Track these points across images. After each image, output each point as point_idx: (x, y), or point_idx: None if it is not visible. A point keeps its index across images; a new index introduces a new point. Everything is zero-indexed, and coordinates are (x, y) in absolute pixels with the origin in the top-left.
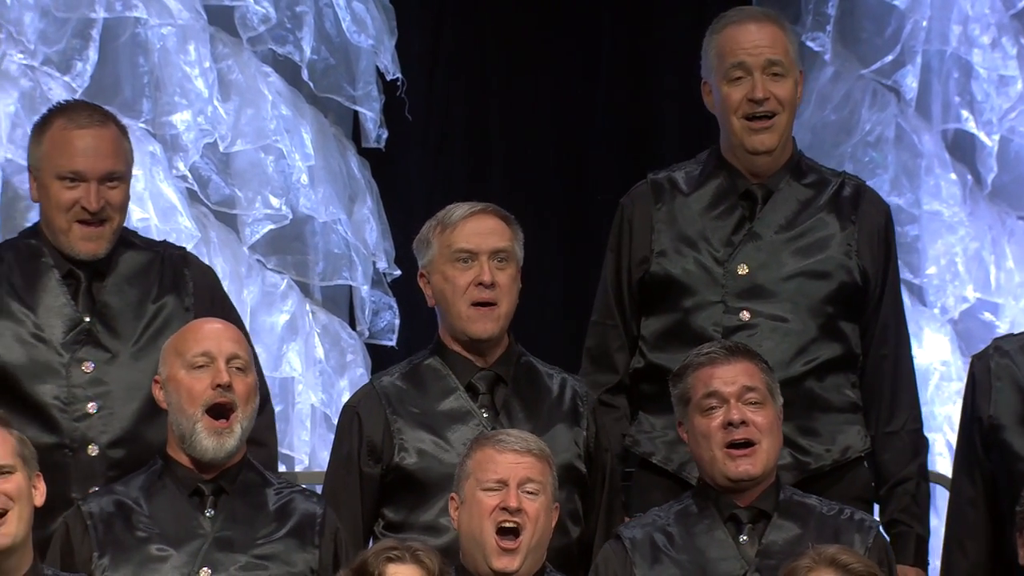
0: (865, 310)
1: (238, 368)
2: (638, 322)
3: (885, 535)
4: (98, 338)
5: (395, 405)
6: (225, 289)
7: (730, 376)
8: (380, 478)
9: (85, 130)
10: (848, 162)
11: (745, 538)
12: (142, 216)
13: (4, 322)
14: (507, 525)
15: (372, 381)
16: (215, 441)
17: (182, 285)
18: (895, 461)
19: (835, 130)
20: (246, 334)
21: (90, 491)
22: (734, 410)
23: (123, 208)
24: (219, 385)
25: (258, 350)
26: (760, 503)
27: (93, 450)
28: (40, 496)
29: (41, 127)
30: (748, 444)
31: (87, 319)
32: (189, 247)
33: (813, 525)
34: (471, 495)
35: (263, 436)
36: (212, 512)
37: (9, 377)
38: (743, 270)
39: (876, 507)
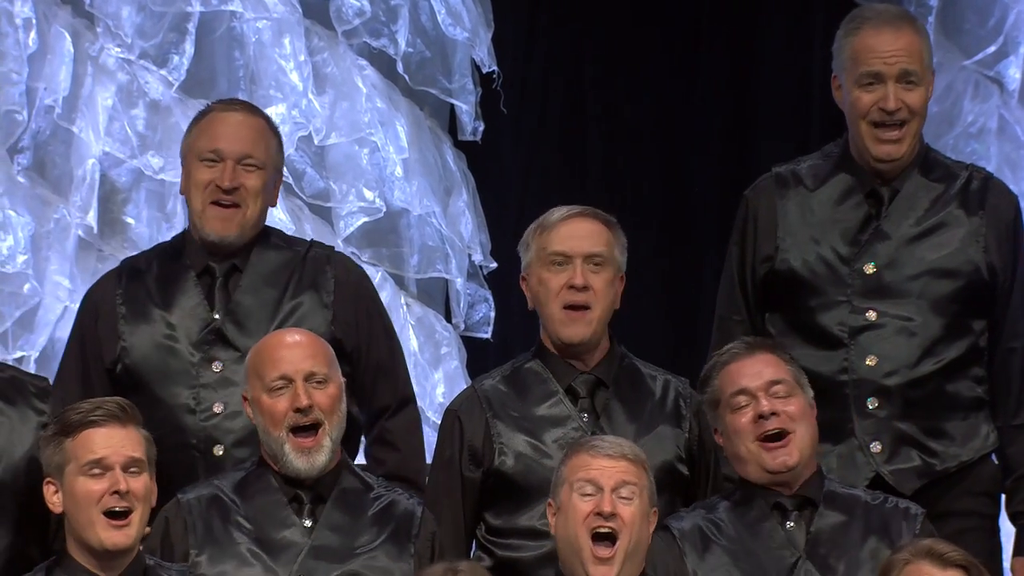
0: (993, 304)
1: (318, 382)
2: (763, 317)
3: (929, 523)
4: (227, 337)
5: (495, 408)
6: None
7: (754, 370)
8: (481, 482)
9: (232, 114)
10: (950, 154)
11: (792, 524)
12: None
13: (140, 325)
14: (602, 531)
15: (474, 384)
16: (306, 461)
17: (322, 282)
18: (1023, 453)
19: (937, 121)
20: (390, 329)
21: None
22: (763, 402)
23: (258, 197)
24: (298, 409)
25: None
26: (804, 491)
27: (219, 450)
28: (154, 498)
29: (195, 119)
30: (781, 435)
31: (217, 317)
32: None
33: (859, 513)
34: (567, 501)
35: (396, 438)
36: (310, 523)
37: (142, 379)
38: (870, 269)
39: (1003, 499)
